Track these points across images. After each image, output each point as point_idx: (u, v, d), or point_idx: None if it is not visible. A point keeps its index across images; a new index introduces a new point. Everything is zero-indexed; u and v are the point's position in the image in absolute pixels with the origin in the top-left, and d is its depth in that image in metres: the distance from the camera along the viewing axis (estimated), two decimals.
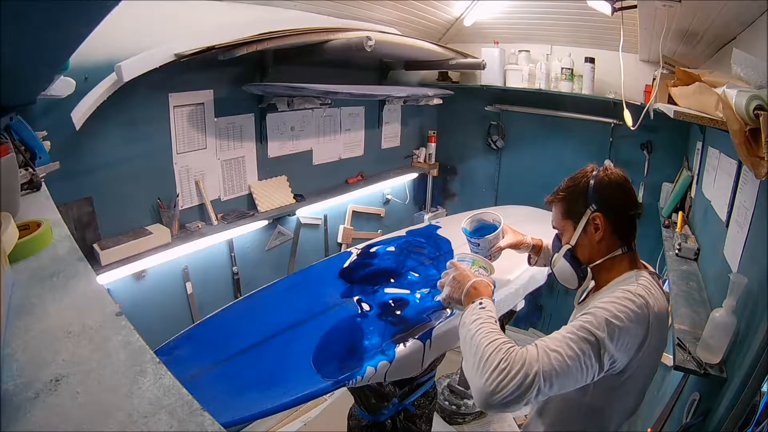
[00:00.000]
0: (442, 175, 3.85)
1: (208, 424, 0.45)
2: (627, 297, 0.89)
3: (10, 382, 0.48)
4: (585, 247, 1.04)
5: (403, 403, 1.50)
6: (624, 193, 1.02)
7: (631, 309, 0.87)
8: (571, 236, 1.05)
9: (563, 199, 1.06)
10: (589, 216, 1.01)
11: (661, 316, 0.92)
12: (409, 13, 2.70)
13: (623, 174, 1.04)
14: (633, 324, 0.86)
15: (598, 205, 1.00)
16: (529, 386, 0.78)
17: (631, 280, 0.97)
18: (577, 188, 1.04)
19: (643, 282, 0.95)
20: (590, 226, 1.02)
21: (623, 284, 0.96)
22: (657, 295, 0.94)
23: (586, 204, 1.02)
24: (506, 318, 1.74)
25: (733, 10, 1.40)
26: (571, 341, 0.83)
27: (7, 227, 0.70)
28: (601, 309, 0.87)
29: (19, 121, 1.12)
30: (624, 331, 0.85)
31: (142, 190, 1.95)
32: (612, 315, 0.85)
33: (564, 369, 0.80)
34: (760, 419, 0.92)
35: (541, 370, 0.79)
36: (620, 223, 1.02)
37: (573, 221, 1.05)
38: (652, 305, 0.89)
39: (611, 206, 1.01)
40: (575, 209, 1.04)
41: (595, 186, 1.01)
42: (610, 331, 0.83)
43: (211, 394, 1.10)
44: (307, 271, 1.76)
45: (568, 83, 2.88)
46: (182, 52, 1.72)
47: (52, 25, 0.54)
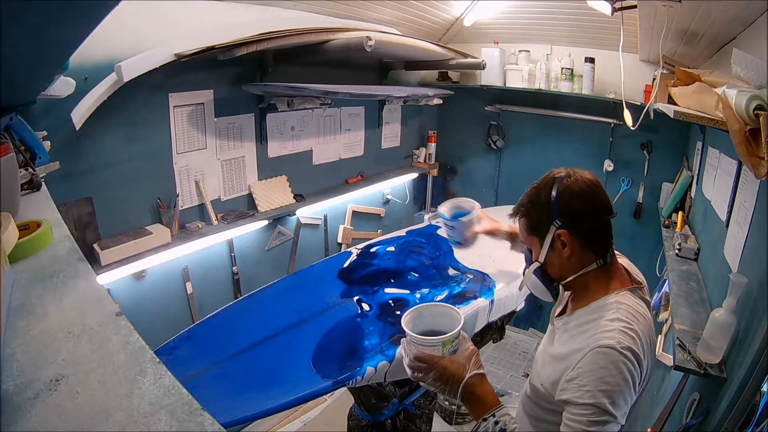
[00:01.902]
0: (442, 175, 3.85)
1: (208, 424, 0.45)
2: (616, 361, 0.80)
3: (10, 382, 0.48)
4: (555, 264, 0.96)
5: (403, 403, 1.50)
6: (590, 202, 0.92)
7: (626, 370, 0.80)
8: (539, 253, 0.97)
9: (525, 215, 0.98)
10: (554, 233, 0.92)
11: (647, 341, 0.86)
12: (409, 13, 2.70)
13: (591, 178, 0.93)
14: (631, 384, 0.81)
15: (562, 220, 0.91)
16: None
17: (608, 314, 0.87)
18: (540, 203, 0.94)
19: (622, 315, 0.85)
20: (557, 243, 0.93)
21: (600, 326, 0.86)
22: (639, 323, 0.86)
23: (549, 220, 0.92)
24: (506, 318, 1.74)
25: (733, 10, 1.40)
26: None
27: (7, 227, 0.70)
28: (601, 390, 0.79)
29: (19, 121, 1.11)
30: (628, 394, 0.81)
31: (142, 190, 1.95)
32: (613, 391, 0.79)
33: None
34: (760, 419, 0.92)
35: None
36: (591, 235, 0.92)
37: (539, 237, 0.96)
38: (638, 347, 0.82)
39: (577, 220, 0.91)
40: (539, 226, 0.95)
41: (558, 198, 0.91)
42: (618, 407, 0.79)
43: (211, 394, 1.10)
44: (307, 271, 1.76)
45: (568, 83, 2.88)
46: (182, 52, 1.72)
47: (52, 25, 0.54)
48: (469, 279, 1.63)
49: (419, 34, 2.90)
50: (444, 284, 1.60)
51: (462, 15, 2.90)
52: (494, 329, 1.77)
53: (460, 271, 1.70)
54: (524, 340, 3.26)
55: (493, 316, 1.57)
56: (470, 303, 1.48)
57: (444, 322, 0.94)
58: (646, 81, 2.58)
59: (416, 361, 0.89)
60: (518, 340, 3.26)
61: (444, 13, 2.86)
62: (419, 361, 0.89)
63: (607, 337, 0.82)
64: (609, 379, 0.80)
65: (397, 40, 2.41)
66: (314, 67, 2.42)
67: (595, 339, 0.84)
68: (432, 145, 3.65)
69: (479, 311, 1.49)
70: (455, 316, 0.94)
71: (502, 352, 3.12)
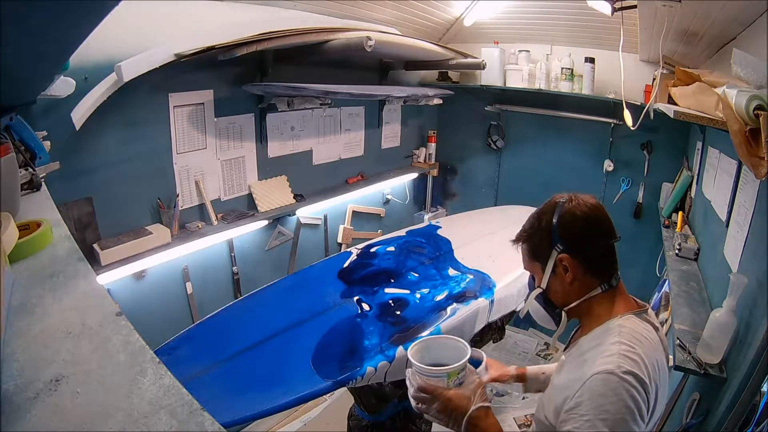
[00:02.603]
0: (442, 175, 3.85)
1: (208, 424, 0.45)
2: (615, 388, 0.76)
3: (10, 382, 0.48)
4: (557, 290, 0.94)
5: (403, 403, 1.50)
6: (593, 227, 0.91)
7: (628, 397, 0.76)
8: (541, 279, 0.95)
9: (527, 240, 0.97)
10: (556, 258, 0.91)
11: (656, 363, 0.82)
12: (409, 13, 2.70)
13: (593, 203, 0.92)
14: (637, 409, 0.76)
15: (564, 245, 0.90)
16: None
17: (611, 338, 0.84)
18: (541, 228, 0.93)
19: (625, 339, 0.82)
20: (559, 268, 0.91)
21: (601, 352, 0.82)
22: (644, 346, 0.82)
23: (551, 245, 0.91)
24: (506, 318, 1.74)
25: (733, 10, 1.40)
26: None
27: (7, 227, 0.70)
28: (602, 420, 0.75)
29: (19, 121, 1.11)
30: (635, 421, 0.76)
31: (142, 190, 1.95)
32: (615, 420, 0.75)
33: None
34: (760, 419, 0.92)
35: None
36: (594, 260, 0.90)
37: (541, 264, 0.95)
38: (642, 371, 0.78)
39: (579, 245, 0.90)
40: (540, 251, 0.94)
41: (559, 223, 0.90)
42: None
43: (211, 394, 1.10)
44: (307, 271, 1.77)
45: (568, 83, 2.88)
46: (182, 52, 1.72)
47: (52, 25, 0.54)
48: (469, 279, 1.63)
49: (419, 34, 2.90)
50: (444, 284, 1.61)
51: (462, 15, 2.90)
52: (494, 329, 1.78)
53: (460, 271, 1.70)
54: (524, 340, 3.26)
55: (493, 316, 1.57)
56: (470, 303, 1.48)
57: (451, 354, 0.92)
58: (646, 81, 2.58)
59: (420, 392, 0.88)
60: (518, 340, 3.26)
61: (444, 13, 2.86)
62: (423, 392, 0.88)
63: (607, 362, 0.79)
64: (609, 407, 0.76)
65: (397, 40, 2.41)
66: (314, 67, 2.42)
67: (594, 365, 0.80)
68: (432, 145, 3.65)
69: (479, 311, 1.50)
70: (463, 349, 0.93)
71: (502, 352, 3.11)
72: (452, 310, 1.44)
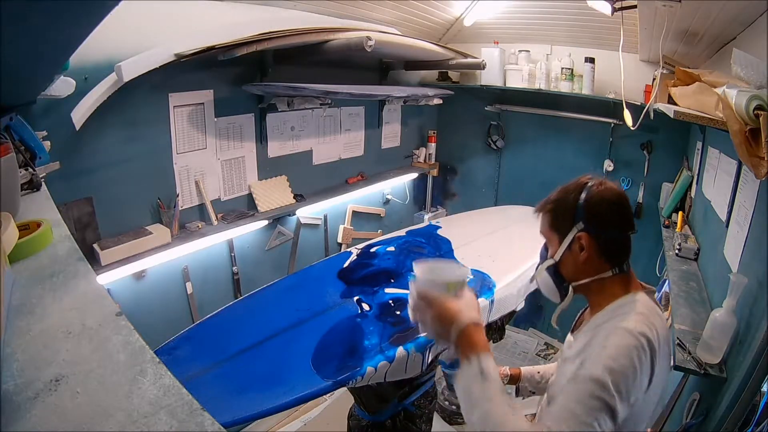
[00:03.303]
0: (442, 175, 3.85)
1: (208, 424, 0.45)
2: (629, 344, 0.79)
3: (10, 382, 0.48)
4: (569, 265, 0.96)
5: (403, 403, 1.50)
6: (617, 213, 0.93)
7: (636, 356, 0.78)
8: (556, 250, 0.98)
9: (551, 211, 0.99)
10: (575, 234, 0.93)
11: (663, 342, 0.84)
12: (409, 13, 2.70)
13: (619, 191, 0.94)
14: (639, 373, 0.78)
15: (585, 224, 0.92)
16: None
17: (627, 308, 0.88)
18: (567, 202, 0.95)
19: (641, 309, 0.86)
20: (576, 245, 0.93)
21: (620, 318, 0.86)
22: (657, 321, 0.85)
23: (573, 221, 0.93)
24: (506, 318, 1.74)
25: (733, 10, 1.40)
26: (585, 414, 0.74)
27: (7, 227, 0.70)
28: (607, 367, 0.77)
29: (19, 121, 1.12)
30: (633, 385, 0.78)
31: (142, 190, 1.95)
32: (620, 373, 0.77)
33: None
34: (760, 419, 0.92)
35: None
36: (610, 245, 0.93)
37: (559, 236, 0.97)
38: (654, 339, 0.81)
39: (600, 226, 0.92)
40: (562, 224, 0.96)
41: (586, 202, 0.92)
42: (620, 392, 0.75)
43: (211, 394, 1.10)
44: (307, 271, 1.77)
45: (568, 83, 2.88)
46: (182, 52, 1.72)
47: (52, 25, 0.54)
48: (469, 279, 1.63)
49: (419, 34, 2.90)
50: None
51: (462, 15, 2.90)
52: (494, 329, 1.78)
53: None
54: (524, 340, 3.26)
55: (493, 316, 1.57)
56: None
57: (453, 275, 0.92)
58: (646, 81, 2.58)
59: (420, 298, 0.86)
60: (518, 340, 3.26)
61: (444, 13, 2.86)
62: (423, 299, 0.85)
63: (625, 321, 0.83)
64: (618, 358, 0.77)
65: (397, 40, 2.41)
66: (314, 67, 2.42)
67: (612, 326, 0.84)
68: (432, 145, 3.65)
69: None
70: (465, 270, 0.95)
71: (502, 352, 3.12)
72: None
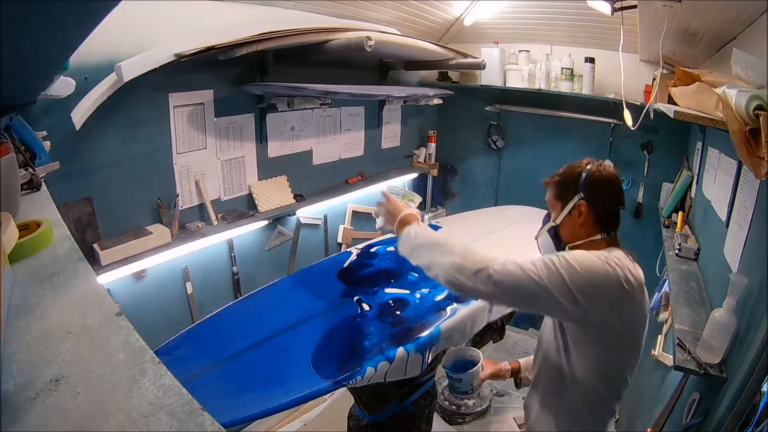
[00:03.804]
0: (442, 175, 3.85)
1: (208, 424, 0.45)
2: (593, 254, 0.98)
3: (10, 382, 0.48)
4: (567, 228, 1.14)
5: (403, 403, 1.50)
6: (611, 189, 1.11)
7: (595, 263, 0.96)
8: (558, 216, 1.16)
9: (557, 183, 1.17)
10: (576, 202, 1.11)
11: (636, 283, 0.98)
12: (409, 13, 2.70)
13: (615, 173, 1.14)
14: (598, 277, 0.95)
15: (585, 194, 1.10)
16: (487, 266, 0.95)
17: (602, 250, 1.05)
18: (571, 175, 1.13)
19: (615, 253, 1.02)
20: (575, 211, 1.12)
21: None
22: (627, 263, 1.00)
23: (575, 191, 1.12)
24: (506, 318, 1.74)
25: (733, 10, 1.40)
26: (534, 263, 0.96)
27: (7, 227, 0.70)
28: (567, 254, 0.98)
29: (19, 121, 1.11)
30: (587, 279, 0.94)
31: (142, 190, 1.95)
32: (576, 261, 0.95)
33: (520, 275, 0.94)
34: (760, 419, 0.92)
35: (502, 261, 0.96)
36: (603, 214, 1.11)
37: (562, 203, 1.15)
38: (621, 267, 0.97)
39: (597, 198, 1.10)
40: (566, 194, 1.14)
41: (587, 177, 1.10)
42: (571, 272, 0.93)
43: (211, 394, 1.10)
44: (307, 271, 1.76)
45: (568, 83, 2.88)
46: (182, 52, 1.72)
47: (52, 25, 0.54)
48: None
49: (419, 34, 2.90)
50: None
51: (462, 15, 2.90)
52: (494, 329, 1.78)
53: None
54: (524, 340, 3.25)
55: (493, 316, 1.57)
56: (470, 303, 1.48)
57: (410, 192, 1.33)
58: (646, 81, 2.58)
59: (385, 197, 1.23)
60: (518, 340, 3.26)
61: (444, 13, 2.86)
62: (386, 197, 1.23)
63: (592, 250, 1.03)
64: (580, 258, 0.96)
65: (397, 40, 2.41)
66: (314, 67, 2.42)
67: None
68: (432, 145, 3.65)
69: (479, 311, 1.49)
70: (418, 196, 1.42)
71: (502, 352, 3.11)
72: (452, 311, 1.44)
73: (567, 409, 1.11)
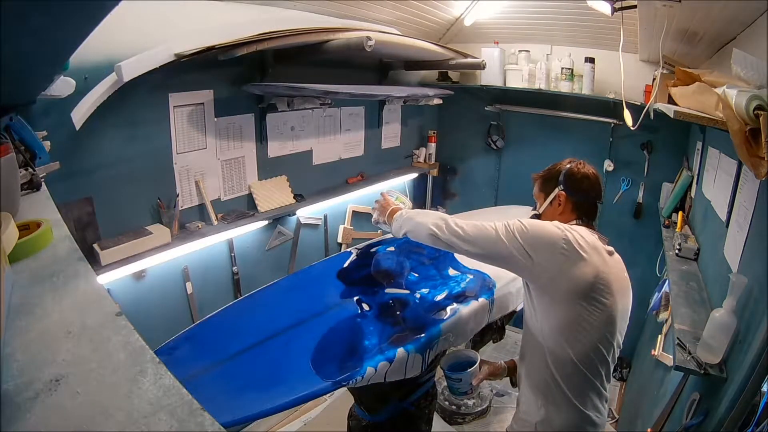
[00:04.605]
0: (442, 175, 3.85)
1: (208, 424, 0.45)
2: (550, 224, 1.15)
3: (10, 382, 0.48)
4: (549, 216, 1.29)
5: (403, 403, 1.50)
6: (588, 182, 1.27)
7: (545, 225, 1.14)
8: (541, 206, 1.34)
9: (542, 177, 1.35)
10: (556, 193, 1.28)
11: (583, 244, 1.10)
12: (409, 13, 2.70)
13: (593, 170, 1.31)
14: (544, 232, 1.11)
15: (564, 186, 1.27)
16: (455, 221, 1.19)
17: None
18: (553, 171, 1.32)
19: (575, 227, 1.16)
20: (555, 201, 1.29)
21: None
22: (584, 232, 1.14)
23: (556, 184, 1.29)
24: (506, 318, 1.74)
25: (733, 10, 1.40)
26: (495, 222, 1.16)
27: (7, 227, 0.70)
28: (523, 219, 1.15)
29: (19, 121, 1.11)
30: (534, 233, 1.11)
31: (142, 190, 1.95)
32: (528, 222, 1.13)
33: (480, 226, 1.15)
34: (760, 419, 0.92)
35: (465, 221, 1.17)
36: (580, 204, 1.27)
37: (545, 195, 1.33)
38: (569, 231, 1.12)
39: (574, 189, 1.26)
40: (548, 186, 1.32)
41: (566, 173, 1.28)
42: (521, 229, 1.11)
43: (211, 394, 1.10)
44: (307, 271, 1.77)
45: (568, 83, 2.87)
46: (182, 52, 1.72)
47: (52, 25, 0.54)
48: (469, 279, 1.63)
49: (419, 34, 2.90)
50: (444, 284, 1.61)
51: (462, 15, 2.90)
52: (494, 329, 1.77)
53: (460, 271, 1.70)
54: None
55: (493, 316, 1.57)
56: (470, 303, 1.48)
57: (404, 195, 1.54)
58: (646, 81, 2.58)
59: (382, 195, 1.46)
60: (518, 340, 3.23)
61: (444, 13, 2.86)
62: (383, 195, 1.46)
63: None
64: (534, 221, 1.15)
65: (397, 40, 2.41)
66: (314, 67, 2.42)
67: None
68: (432, 145, 3.65)
69: (479, 311, 1.50)
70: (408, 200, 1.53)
71: (502, 352, 3.11)
72: (452, 311, 1.44)
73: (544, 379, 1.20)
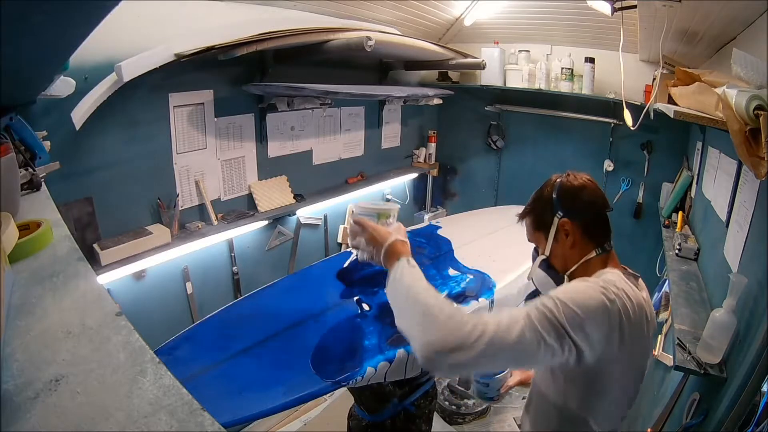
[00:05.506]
0: (442, 175, 3.85)
1: (208, 424, 0.45)
2: (585, 285, 0.86)
3: (10, 382, 0.48)
4: (558, 255, 1.03)
5: (403, 403, 1.50)
6: (588, 194, 1.01)
7: (588, 296, 0.83)
8: (544, 247, 1.05)
9: (531, 212, 1.07)
10: (557, 223, 1.01)
11: (632, 310, 0.85)
12: (409, 13, 2.70)
13: (587, 176, 1.04)
14: (591, 312, 0.81)
15: (564, 211, 1.00)
16: (476, 339, 0.74)
17: (596, 274, 0.95)
18: (543, 199, 1.04)
19: (609, 277, 0.91)
20: (560, 234, 1.01)
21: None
22: (626, 288, 0.88)
23: (552, 213, 1.01)
24: None
25: (733, 10, 1.40)
26: (531, 317, 0.79)
27: (7, 227, 0.70)
28: (560, 294, 0.83)
29: (19, 121, 1.11)
30: (583, 317, 0.80)
31: (142, 190, 1.95)
32: (569, 299, 0.81)
33: (517, 340, 0.76)
34: (760, 419, 0.92)
35: (492, 330, 0.75)
36: (590, 225, 1.00)
37: (544, 232, 1.04)
38: (614, 295, 0.84)
39: (577, 209, 1.00)
40: (544, 220, 1.04)
41: (559, 193, 1.01)
42: (569, 313, 0.79)
43: (211, 394, 1.10)
44: (307, 271, 1.76)
45: (568, 83, 2.88)
46: (182, 52, 1.72)
47: (52, 25, 0.54)
48: (469, 279, 1.63)
49: (419, 34, 2.90)
50: (444, 284, 1.60)
51: (462, 15, 2.90)
52: None
53: (460, 271, 1.70)
54: None
55: None
56: (470, 303, 1.48)
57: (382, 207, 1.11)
58: (646, 81, 2.58)
59: (355, 224, 1.02)
60: None
61: (444, 13, 2.86)
62: (358, 224, 1.01)
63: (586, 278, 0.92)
64: (577, 296, 0.82)
65: (397, 40, 2.41)
66: (314, 67, 2.42)
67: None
68: (432, 145, 3.65)
69: (479, 311, 1.49)
70: (392, 204, 1.19)
71: None
72: None
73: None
